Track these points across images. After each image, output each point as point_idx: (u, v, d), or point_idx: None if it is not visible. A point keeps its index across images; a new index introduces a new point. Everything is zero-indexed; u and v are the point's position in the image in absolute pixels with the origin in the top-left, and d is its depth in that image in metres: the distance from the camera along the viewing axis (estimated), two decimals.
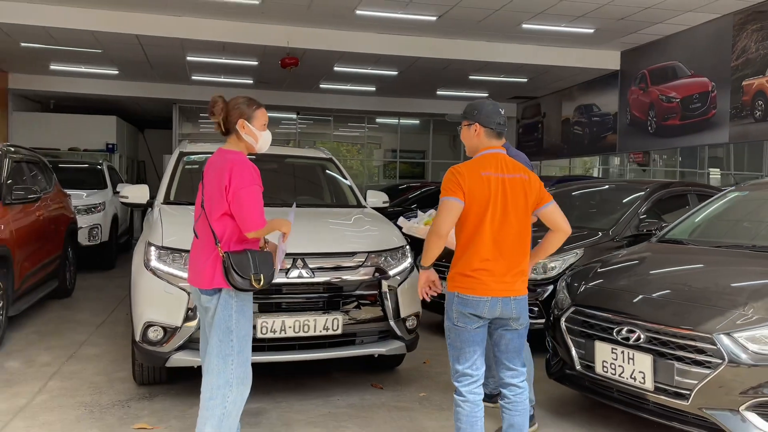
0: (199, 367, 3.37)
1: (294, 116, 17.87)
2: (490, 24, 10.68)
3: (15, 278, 5.72)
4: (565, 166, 17.17)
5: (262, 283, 3.05)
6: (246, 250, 3.08)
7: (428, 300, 3.32)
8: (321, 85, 15.11)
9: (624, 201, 6.59)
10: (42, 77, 14.87)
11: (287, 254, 3.68)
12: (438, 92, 15.68)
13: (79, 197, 9.39)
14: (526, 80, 14.15)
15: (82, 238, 9.26)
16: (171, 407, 4.08)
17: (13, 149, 6.63)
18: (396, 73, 13.51)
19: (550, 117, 15.76)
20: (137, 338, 4.02)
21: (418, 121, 19.13)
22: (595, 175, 18.77)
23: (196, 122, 18.05)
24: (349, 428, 3.85)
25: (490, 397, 3.98)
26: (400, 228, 4.36)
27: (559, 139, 15.35)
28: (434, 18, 10.36)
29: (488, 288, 3.02)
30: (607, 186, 7.91)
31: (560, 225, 3.20)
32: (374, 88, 15.49)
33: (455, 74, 13.56)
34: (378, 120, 18.92)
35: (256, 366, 3.28)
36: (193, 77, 14.44)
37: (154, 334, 3.94)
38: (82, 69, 13.98)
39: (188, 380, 4.35)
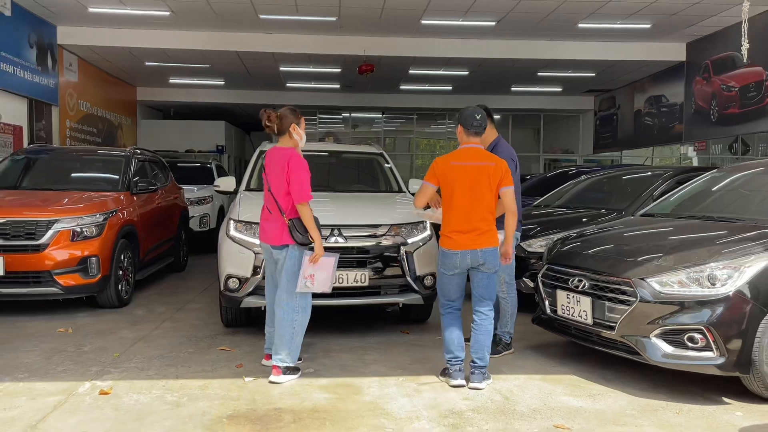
0: (266, 309, 4.74)
1: (379, 116, 19.30)
2: (547, 25, 11.51)
3: (140, 251, 7.46)
4: (646, 156, 17.40)
5: None
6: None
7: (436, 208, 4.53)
8: (401, 87, 16.43)
9: (644, 184, 7.35)
10: (163, 89, 17.28)
11: (328, 225, 5.07)
12: (512, 88, 16.52)
13: (190, 191, 11.21)
14: (594, 74, 14.71)
15: (194, 225, 11.06)
16: (245, 339, 5.51)
17: (138, 152, 8.41)
18: (467, 72, 14.57)
19: (624, 108, 16.16)
20: (221, 288, 5.49)
21: (498, 116, 19.96)
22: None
23: None
24: (371, 355, 5.10)
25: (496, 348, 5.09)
26: None
27: (632, 129, 15.73)
28: (493, 23, 11.36)
29: (458, 244, 4.21)
30: (645, 172, 8.60)
31: (507, 205, 4.29)
32: (450, 87, 16.60)
33: (523, 72, 14.41)
34: None
35: None
36: (287, 84, 16.23)
37: (233, 283, 5.38)
38: (195, 81, 16.18)
39: (258, 325, 5.75)
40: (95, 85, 14.63)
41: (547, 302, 4.90)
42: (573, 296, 4.55)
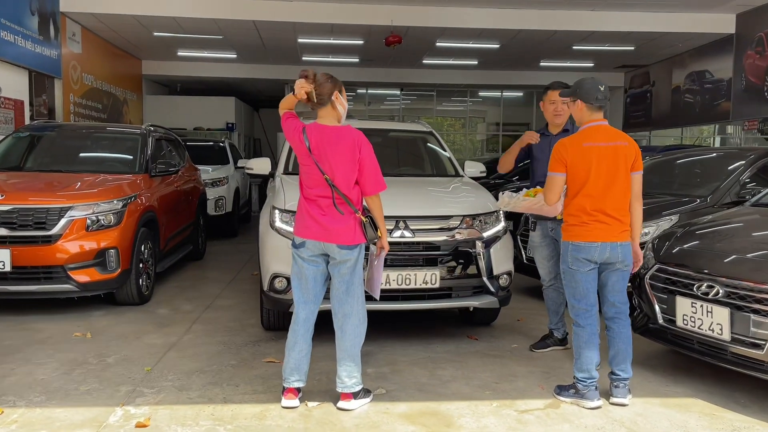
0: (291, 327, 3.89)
1: (398, 92, 18.40)
2: None
3: (160, 240, 6.67)
4: (697, 137, 16.47)
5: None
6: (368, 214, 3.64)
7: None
8: (424, 61, 15.51)
9: (727, 168, 6.56)
10: (170, 63, 16.32)
11: (392, 216, 4.30)
12: (541, 63, 15.62)
13: (205, 172, 10.37)
14: (633, 48, 13.82)
15: (209, 209, 10.25)
16: None
17: (153, 128, 7.57)
18: (498, 46, 13.65)
19: (660, 85, 15.28)
20: (265, 288, 4.70)
21: (521, 94, 19.08)
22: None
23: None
24: (446, 369, 4.34)
25: (562, 341, 4.65)
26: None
27: (668, 108, 14.87)
28: None
29: (596, 235, 3.59)
30: (712, 154, 7.82)
31: (636, 191, 3.68)
32: (476, 62, 15.69)
33: (558, 45, 13.50)
34: (481, 93, 19.08)
35: None
36: (303, 58, 15.29)
37: (279, 284, 4.59)
38: (205, 54, 15.23)
39: None
40: (100, 58, 13.69)
41: (657, 309, 4.13)
42: (701, 305, 3.78)
